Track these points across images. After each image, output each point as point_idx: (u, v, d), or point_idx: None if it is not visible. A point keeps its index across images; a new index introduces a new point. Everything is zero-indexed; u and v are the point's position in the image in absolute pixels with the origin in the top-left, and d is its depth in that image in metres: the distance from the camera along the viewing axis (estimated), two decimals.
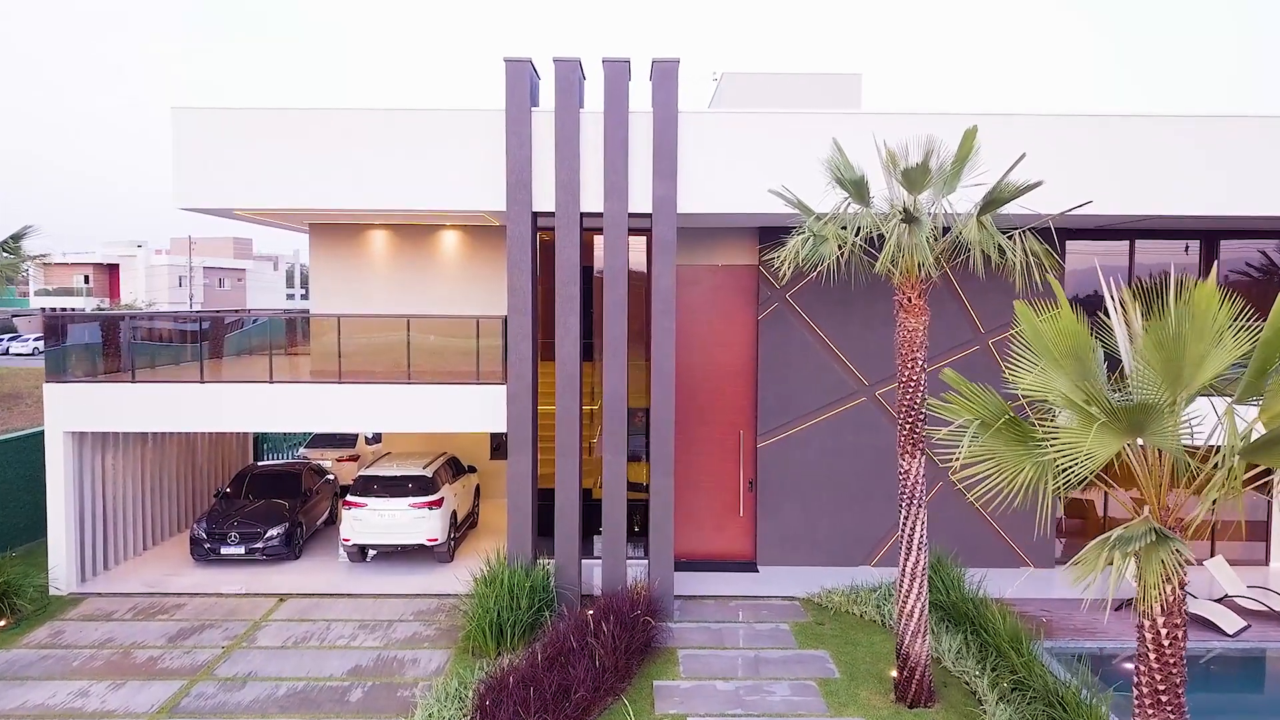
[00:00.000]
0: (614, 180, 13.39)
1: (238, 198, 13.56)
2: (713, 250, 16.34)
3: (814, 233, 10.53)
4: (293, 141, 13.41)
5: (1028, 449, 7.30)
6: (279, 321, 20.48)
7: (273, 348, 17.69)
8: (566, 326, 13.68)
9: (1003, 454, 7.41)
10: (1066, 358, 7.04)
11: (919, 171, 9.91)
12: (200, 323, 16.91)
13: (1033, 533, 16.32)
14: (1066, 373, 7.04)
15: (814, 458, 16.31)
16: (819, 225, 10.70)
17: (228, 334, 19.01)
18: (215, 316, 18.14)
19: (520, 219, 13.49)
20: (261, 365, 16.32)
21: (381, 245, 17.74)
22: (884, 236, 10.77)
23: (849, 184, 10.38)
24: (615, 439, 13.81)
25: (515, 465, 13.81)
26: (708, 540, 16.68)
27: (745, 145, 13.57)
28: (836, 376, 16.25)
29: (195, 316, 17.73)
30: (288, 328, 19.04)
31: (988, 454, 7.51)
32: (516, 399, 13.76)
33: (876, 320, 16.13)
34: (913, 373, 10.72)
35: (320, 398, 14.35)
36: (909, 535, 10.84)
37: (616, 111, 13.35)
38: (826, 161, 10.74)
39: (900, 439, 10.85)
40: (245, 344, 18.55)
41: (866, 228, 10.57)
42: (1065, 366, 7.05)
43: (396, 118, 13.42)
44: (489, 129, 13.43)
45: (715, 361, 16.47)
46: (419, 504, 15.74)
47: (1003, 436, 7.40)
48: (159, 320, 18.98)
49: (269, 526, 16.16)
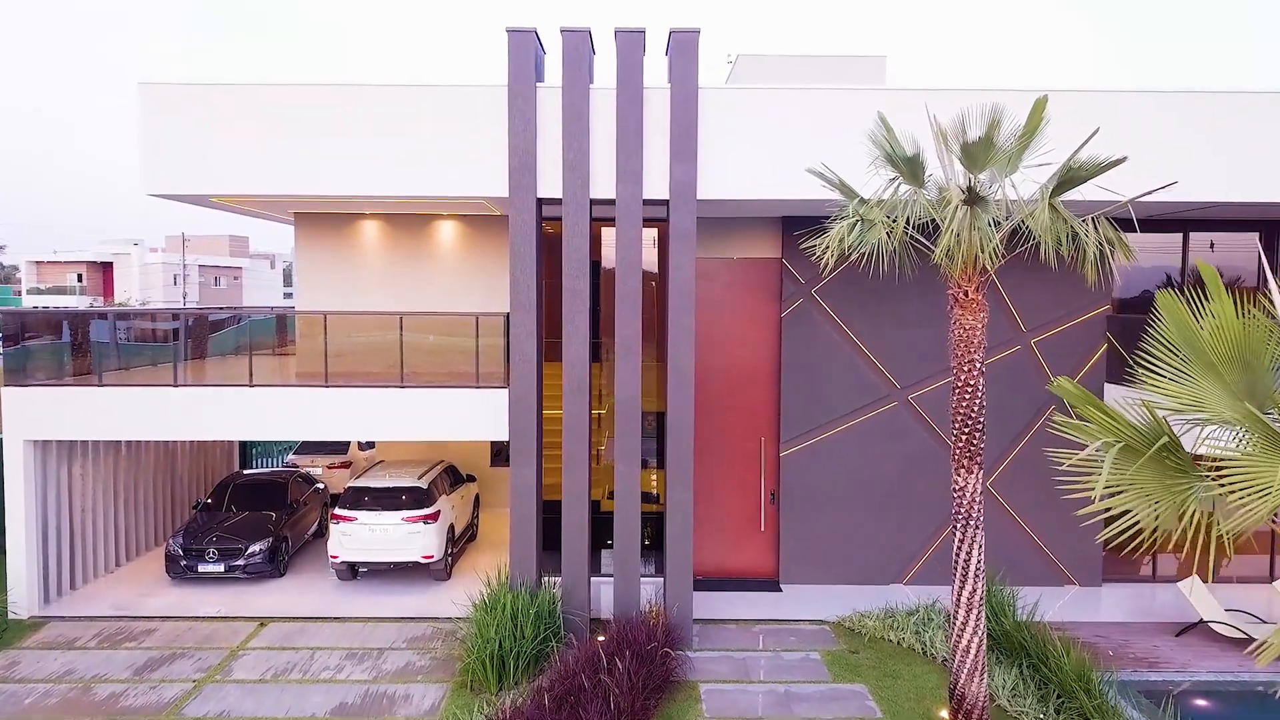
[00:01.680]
0: (627, 163, 12.13)
1: (212, 183, 12.29)
2: (730, 242, 15.08)
3: (862, 217, 9.25)
4: (273, 121, 12.14)
5: (1189, 480, 5.94)
6: (268, 320, 19.26)
7: (258, 348, 16.43)
8: (574, 325, 12.41)
9: (1150, 486, 6.02)
10: (1229, 363, 5.72)
11: (982, 146, 8.64)
12: (180, 321, 15.64)
13: (1078, 549, 15.07)
14: (1227, 382, 5.72)
15: (841, 467, 15.05)
16: (865, 209, 9.42)
17: (214, 333, 17.79)
18: (194, 314, 16.87)
19: (523, 206, 12.22)
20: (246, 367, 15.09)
21: (373, 237, 16.45)
22: (934, 223, 9.53)
23: (900, 162, 9.11)
24: (628, 447, 12.54)
25: (519, 477, 12.54)
26: (726, 556, 15.42)
27: (772, 125, 12.30)
28: (866, 379, 14.99)
29: (170, 313, 16.47)
30: (278, 326, 17.79)
31: (1130, 484, 6.12)
32: (520, 404, 12.50)
33: (910, 318, 14.87)
34: (969, 377, 9.45)
35: (305, 402, 13.08)
36: (964, 560, 9.57)
37: (630, 87, 12.09)
38: (871, 138, 9.46)
39: (955, 451, 9.59)
40: (232, 343, 17.27)
41: (918, 213, 9.29)
42: (1226, 374, 5.72)
43: (388, 95, 12.15)
44: (489, 107, 12.17)
45: (733, 362, 15.21)
46: (413, 518, 14.47)
47: (1153, 465, 5.99)
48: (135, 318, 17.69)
49: (250, 542, 14.89)
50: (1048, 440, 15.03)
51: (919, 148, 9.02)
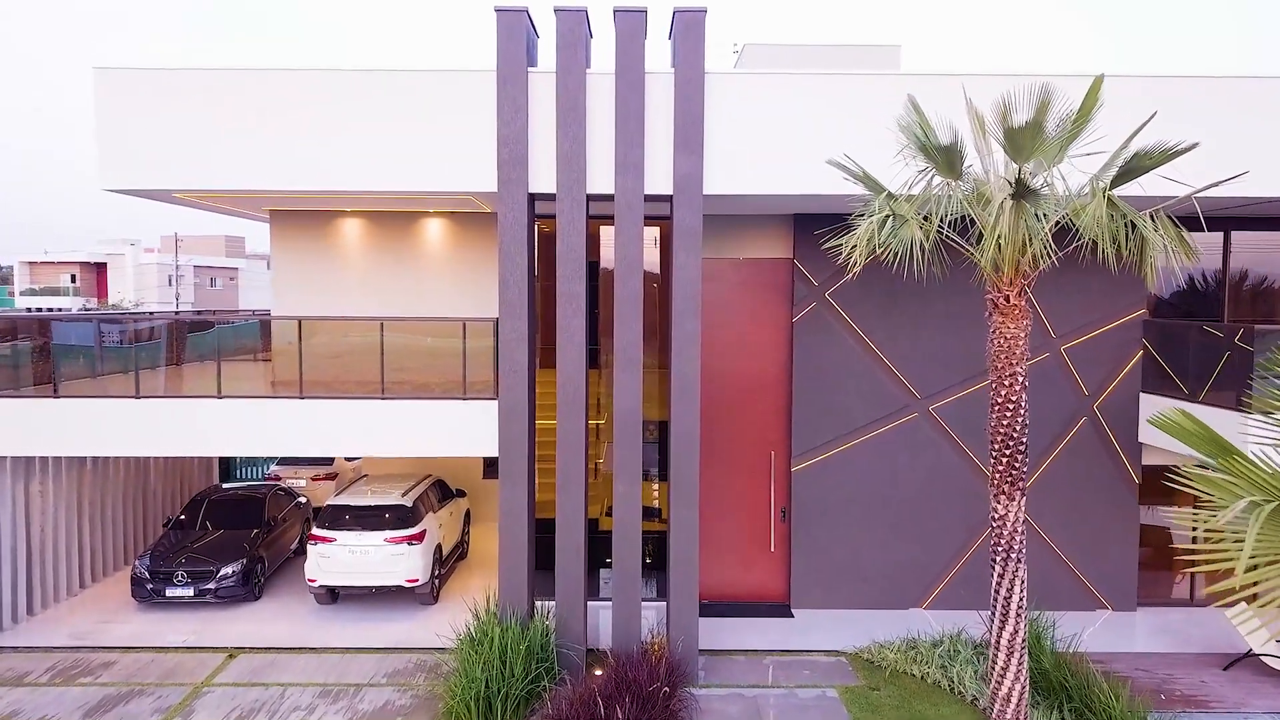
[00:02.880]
0: (627, 154, 11.10)
1: (175, 177, 11.25)
2: (738, 241, 14.05)
3: (894, 212, 8.21)
4: (239, 109, 11.10)
5: None
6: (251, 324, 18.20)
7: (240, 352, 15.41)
8: (570, 331, 11.38)
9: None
10: None
11: (1029, 132, 7.61)
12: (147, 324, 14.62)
13: (1111, 570, 14.04)
14: None
15: (857, 483, 14.01)
16: (896, 204, 8.38)
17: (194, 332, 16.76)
18: (159, 319, 15.85)
19: (514, 201, 11.19)
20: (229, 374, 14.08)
21: (355, 236, 15.40)
22: (967, 219, 8.51)
23: (935, 151, 8.08)
24: (628, 465, 11.52)
25: (509, 497, 11.50)
26: (734, 578, 14.38)
27: (785, 114, 11.26)
28: (883, 388, 13.95)
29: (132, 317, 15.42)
30: (263, 330, 16.74)
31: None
32: (510, 417, 11.47)
33: (931, 322, 13.84)
34: (1010, 392, 8.42)
35: (277, 415, 12.05)
36: (1005, 597, 8.53)
37: (630, 71, 11.06)
38: (901, 125, 8.43)
39: (994, 476, 8.55)
40: (212, 349, 16.21)
41: (954, 208, 8.25)
42: None
43: (365, 81, 11.12)
44: (477, 95, 11.14)
45: (741, 370, 14.17)
46: (396, 539, 13.44)
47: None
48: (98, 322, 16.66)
49: (223, 563, 13.86)
50: (1079, 455, 14.03)
51: (957, 134, 7.99)
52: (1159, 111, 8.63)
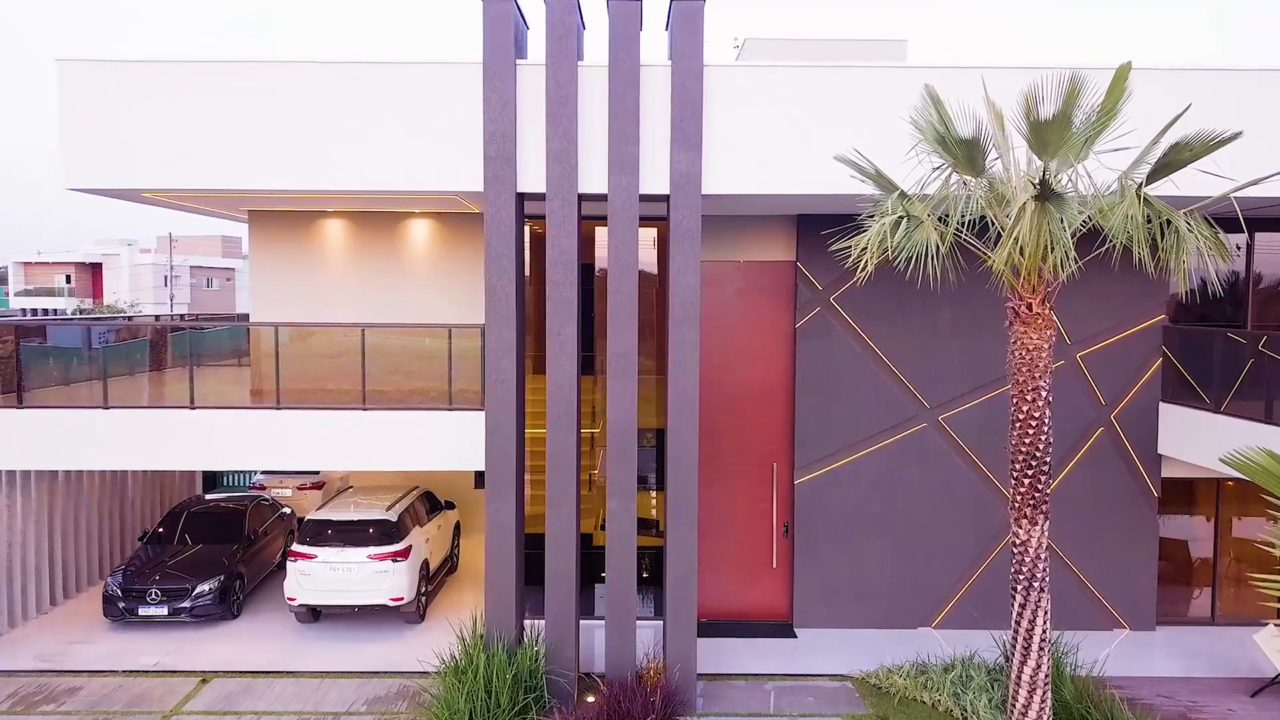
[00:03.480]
0: (621, 150, 10.48)
1: (143, 176, 10.63)
2: (738, 243, 13.44)
3: (908, 213, 7.59)
4: (211, 104, 10.47)
5: None
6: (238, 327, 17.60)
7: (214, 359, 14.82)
8: (561, 339, 10.76)
9: None
10: None
11: (1055, 126, 6.99)
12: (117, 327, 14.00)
13: (1129, 588, 13.41)
14: None
15: (863, 496, 13.38)
16: (909, 204, 7.75)
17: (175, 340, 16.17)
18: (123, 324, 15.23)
19: (501, 201, 10.56)
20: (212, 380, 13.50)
21: (338, 238, 14.74)
22: (984, 221, 7.89)
23: (955, 146, 7.45)
24: (622, 481, 10.90)
25: (496, 515, 10.87)
26: (734, 596, 13.76)
27: (789, 109, 10.64)
28: (891, 397, 13.32)
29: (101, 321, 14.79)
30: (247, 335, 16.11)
31: None
32: (497, 430, 10.84)
33: (941, 328, 13.22)
34: (1033, 408, 7.79)
35: (253, 428, 11.43)
36: (1026, 630, 7.91)
37: (625, 64, 10.44)
38: (916, 119, 7.81)
39: (1015, 499, 7.93)
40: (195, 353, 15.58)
41: (974, 208, 7.63)
42: None
43: (344, 74, 10.50)
44: (463, 88, 10.52)
45: (742, 378, 13.55)
46: (380, 555, 12.81)
47: None
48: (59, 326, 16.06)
49: (199, 581, 13.22)
50: (1096, 467, 13.40)
51: (982, 125, 7.36)
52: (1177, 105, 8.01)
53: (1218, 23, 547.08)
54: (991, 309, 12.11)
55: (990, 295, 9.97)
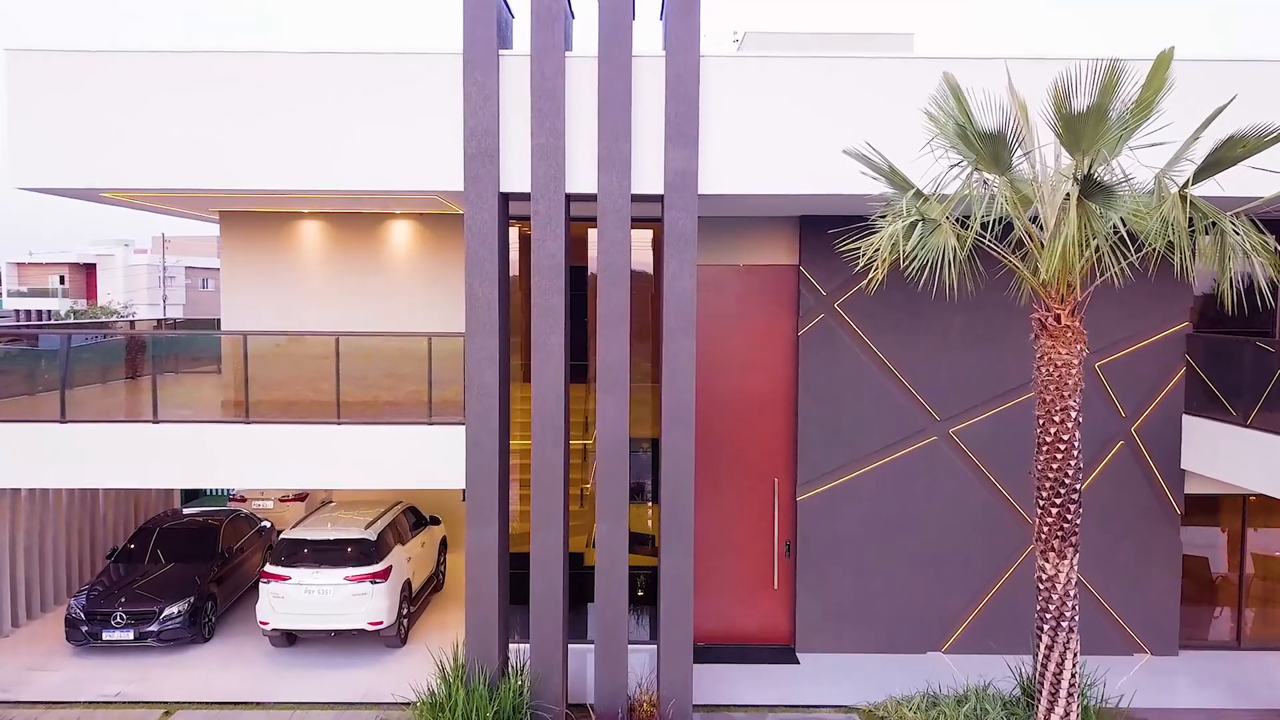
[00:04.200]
0: (612, 147, 9.76)
1: (100, 174, 9.91)
2: (738, 245, 12.73)
3: (923, 215, 6.87)
4: (173, 98, 9.75)
5: None
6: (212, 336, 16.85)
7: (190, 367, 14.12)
8: (547, 349, 10.04)
9: None
10: None
11: (1090, 118, 6.28)
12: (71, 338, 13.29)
13: (1150, 611, 12.69)
14: None
15: (869, 514, 12.67)
16: (925, 205, 7.04)
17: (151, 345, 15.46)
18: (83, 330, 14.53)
19: (483, 202, 9.85)
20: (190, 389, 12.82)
21: (315, 239, 13.98)
22: (1005, 223, 7.18)
23: (977, 140, 6.74)
24: (613, 503, 10.18)
25: (477, 539, 10.15)
26: (732, 618, 13.04)
27: (793, 103, 9.93)
28: (899, 408, 12.60)
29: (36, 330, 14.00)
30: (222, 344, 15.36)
31: None
32: (478, 446, 10.12)
33: (952, 336, 12.51)
34: (1061, 430, 7.08)
35: (221, 443, 10.70)
36: (1054, 674, 7.19)
37: (616, 54, 9.73)
38: (933, 111, 7.10)
39: (1041, 531, 7.22)
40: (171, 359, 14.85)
41: (999, 209, 6.91)
42: None
43: (314, 65, 9.78)
44: (442, 80, 9.81)
45: (741, 389, 12.84)
46: (358, 576, 12.09)
47: None
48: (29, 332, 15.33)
49: (167, 602, 12.50)
50: (1115, 483, 12.68)
51: (1011, 116, 6.63)
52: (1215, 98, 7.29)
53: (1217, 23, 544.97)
54: (1006, 315, 11.45)
55: (1005, 300, 9.31)
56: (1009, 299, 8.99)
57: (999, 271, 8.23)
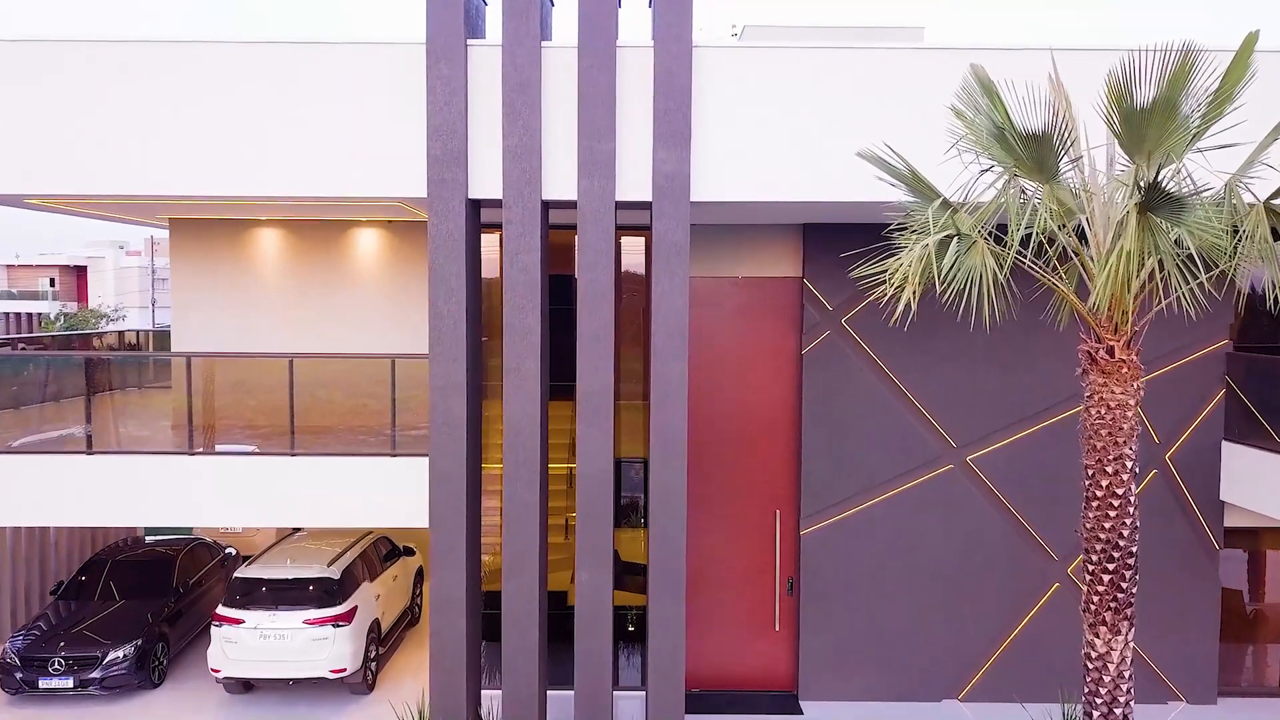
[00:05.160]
0: (594, 148, 8.71)
1: (21, 178, 8.85)
2: (736, 256, 11.67)
3: (957, 230, 5.80)
4: (97, 92, 8.68)
5: None
6: None
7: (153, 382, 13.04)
8: (521, 375, 8.98)
9: None
10: None
11: (1157, 116, 5.22)
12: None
13: (1186, 655, 11.62)
14: None
15: (879, 549, 11.59)
16: (955, 217, 5.96)
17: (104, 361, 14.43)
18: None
19: (448, 210, 8.78)
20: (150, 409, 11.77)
21: (273, 249, 12.84)
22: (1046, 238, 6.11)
23: (1017, 143, 5.68)
24: (595, 548, 9.14)
25: (443, 586, 9.08)
26: (729, 662, 11.98)
27: (797, 100, 8.88)
28: (912, 434, 11.53)
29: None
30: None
31: None
32: (444, 482, 9.05)
33: (971, 355, 11.44)
34: (1115, 482, 6.01)
35: (163, 477, 9.64)
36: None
37: (598, 44, 8.67)
38: (961, 108, 6.03)
39: (1090, 600, 6.14)
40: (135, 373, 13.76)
41: (1039, 222, 5.83)
42: None
43: (258, 57, 8.73)
44: (403, 73, 8.76)
45: (740, 412, 11.78)
46: (319, 619, 11.02)
47: None
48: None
49: (112, 645, 11.42)
50: (1148, 515, 11.52)
51: (1059, 112, 5.56)
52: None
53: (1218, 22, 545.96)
54: (1029, 332, 10.38)
55: (1028, 316, 8.30)
56: (1033, 313, 7.98)
57: (1035, 292, 7.18)
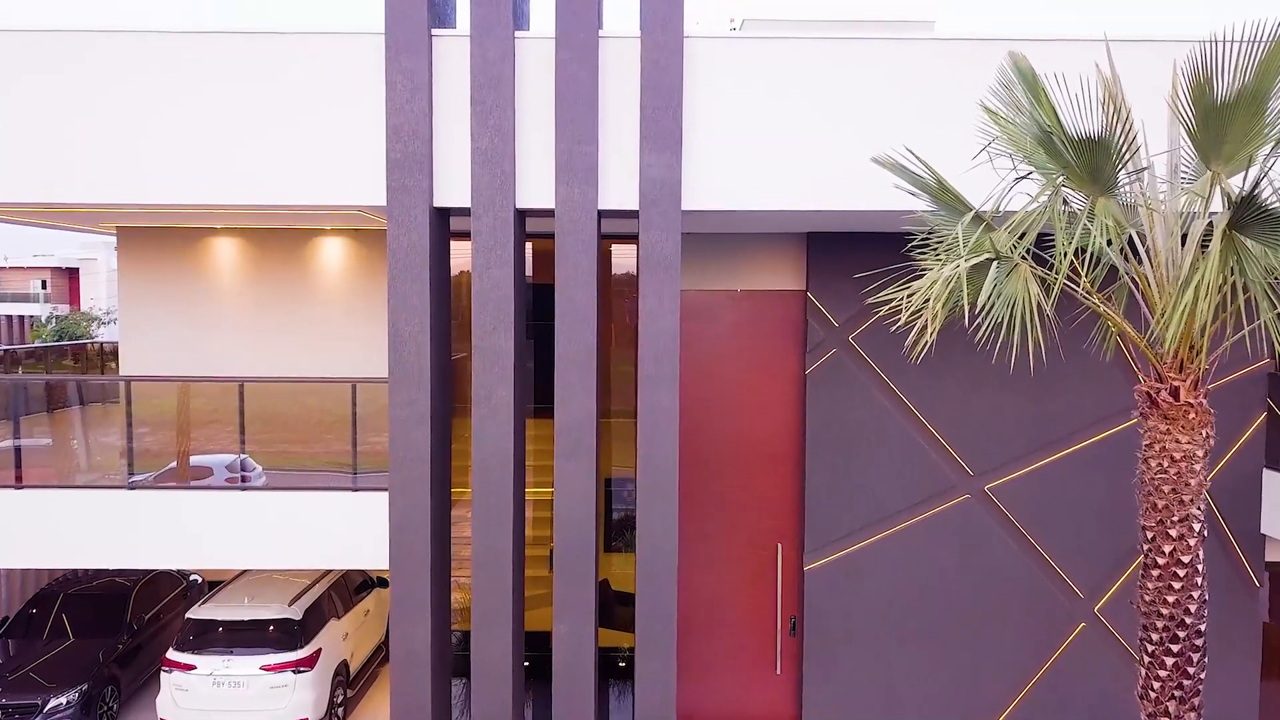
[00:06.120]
0: (573, 151, 7.77)
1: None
2: (733, 267, 10.76)
3: (997, 252, 4.86)
4: (13, 88, 7.75)
5: None
6: None
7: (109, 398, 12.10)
8: (492, 404, 8.03)
9: None
10: None
11: (1241, 112, 4.27)
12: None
13: (1224, 700, 10.67)
14: None
15: (890, 586, 10.66)
16: (983, 235, 5.01)
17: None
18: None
19: (409, 220, 7.85)
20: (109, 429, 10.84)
21: (229, 259, 11.81)
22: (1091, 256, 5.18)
23: (1067, 147, 4.73)
24: (575, 598, 8.20)
25: (405, 637, 8.14)
26: (728, 708, 11.06)
27: (801, 97, 7.94)
28: (925, 461, 10.61)
29: None
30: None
31: None
32: (405, 524, 8.11)
33: (989, 375, 10.44)
34: (1180, 548, 5.07)
35: (99, 513, 8.71)
36: None
37: (578, 34, 7.74)
38: (994, 106, 5.09)
39: (1149, 685, 5.20)
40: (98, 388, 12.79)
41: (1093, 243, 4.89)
42: None
43: (193, 48, 7.78)
44: (360, 68, 7.84)
45: (737, 437, 10.86)
46: (278, 665, 10.08)
47: None
48: None
49: (54, 691, 10.48)
50: None
51: (1123, 113, 4.62)
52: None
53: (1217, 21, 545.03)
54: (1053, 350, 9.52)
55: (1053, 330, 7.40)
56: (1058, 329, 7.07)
57: (1077, 318, 6.25)
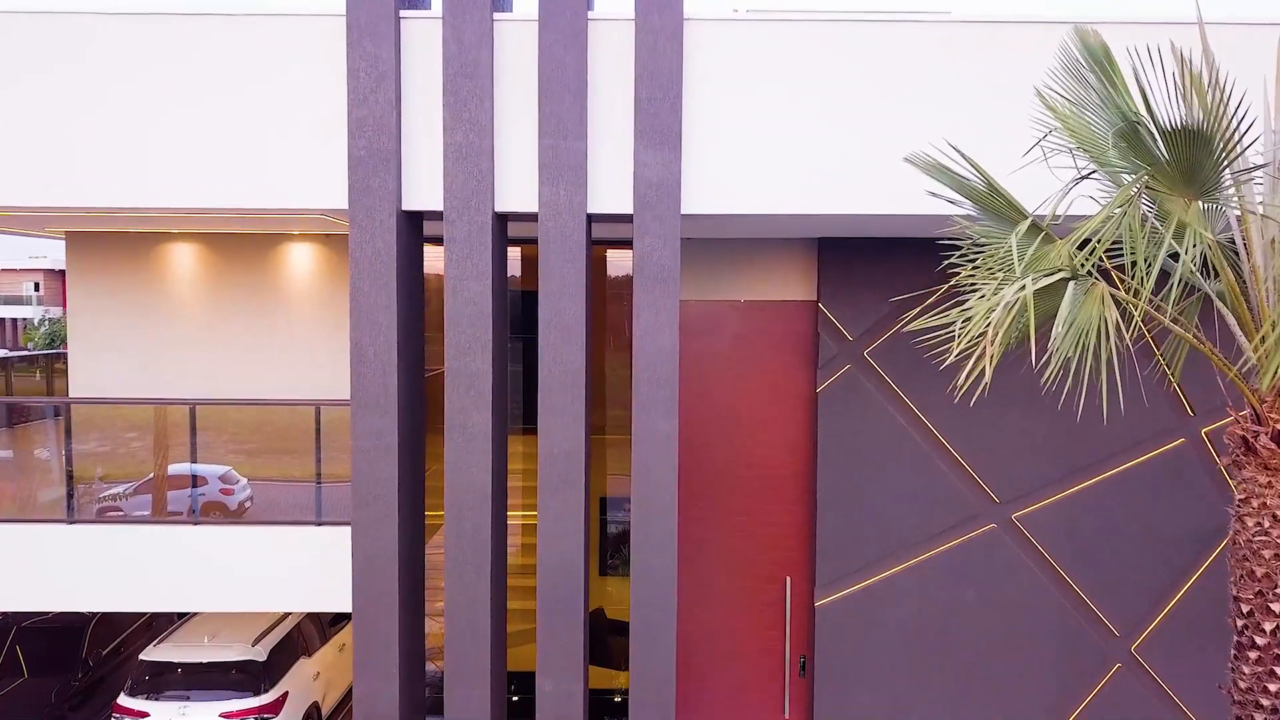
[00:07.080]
0: (559, 148, 6.92)
1: None
2: (737, 275, 9.91)
3: (1074, 271, 3.99)
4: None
5: None
6: None
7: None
8: (467, 431, 7.17)
9: None
10: None
11: None
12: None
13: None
14: None
15: (908, 622, 9.82)
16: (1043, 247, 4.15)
17: None
18: None
19: (374, 224, 6.99)
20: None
21: (187, 266, 10.87)
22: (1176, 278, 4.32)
23: (1157, 141, 3.86)
24: (560, 652, 7.32)
25: (368, 697, 7.27)
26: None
27: (815, 87, 7.09)
28: (947, 488, 9.75)
29: None
30: None
31: None
32: (370, 567, 7.24)
33: (1014, 394, 9.50)
34: (1263, 613, 4.20)
35: (34, 550, 7.85)
36: None
37: (565, 14, 6.89)
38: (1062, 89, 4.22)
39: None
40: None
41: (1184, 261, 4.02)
42: None
43: (128, 33, 6.93)
44: (318, 53, 6.99)
45: (742, 460, 10.02)
46: (240, 713, 9.23)
47: None
48: None
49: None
50: (1222, 585, 9.88)
51: (1228, 91, 3.74)
52: None
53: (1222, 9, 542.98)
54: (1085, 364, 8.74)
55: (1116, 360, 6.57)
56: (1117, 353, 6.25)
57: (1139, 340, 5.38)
